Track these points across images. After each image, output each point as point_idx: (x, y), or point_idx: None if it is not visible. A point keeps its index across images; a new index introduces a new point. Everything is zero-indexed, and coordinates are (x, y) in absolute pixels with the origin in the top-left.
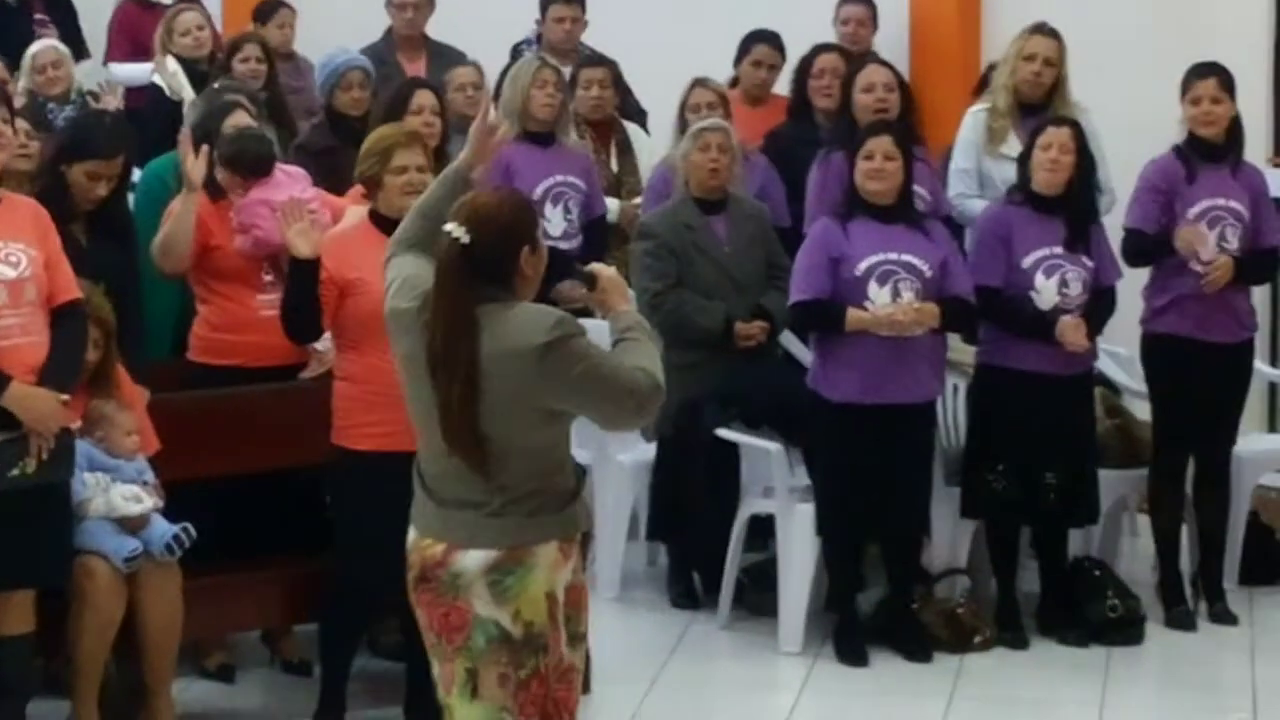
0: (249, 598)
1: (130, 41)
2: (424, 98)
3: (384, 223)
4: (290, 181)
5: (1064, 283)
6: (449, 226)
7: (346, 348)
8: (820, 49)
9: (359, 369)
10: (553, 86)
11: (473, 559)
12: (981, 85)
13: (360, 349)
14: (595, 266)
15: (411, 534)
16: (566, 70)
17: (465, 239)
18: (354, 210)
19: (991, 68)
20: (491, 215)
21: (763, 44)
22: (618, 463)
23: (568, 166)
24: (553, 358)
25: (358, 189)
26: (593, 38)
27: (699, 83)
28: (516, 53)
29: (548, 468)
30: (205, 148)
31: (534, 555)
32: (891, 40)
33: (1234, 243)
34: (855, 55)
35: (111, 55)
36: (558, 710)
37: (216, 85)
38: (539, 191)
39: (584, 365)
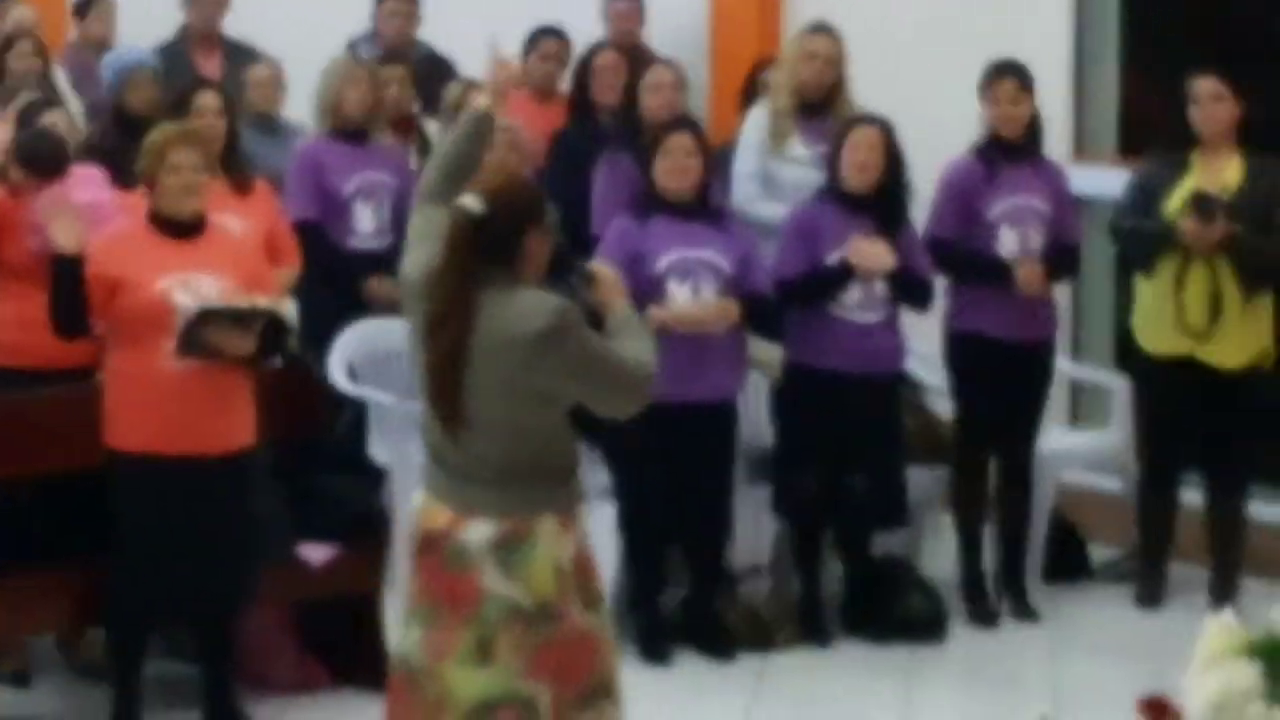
0: (42, 601)
1: None
2: (206, 99)
3: (160, 221)
4: (87, 182)
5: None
6: (465, 199)
7: (115, 346)
8: (599, 47)
9: (127, 367)
10: (365, 84)
11: (478, 532)
12: (749, 88)
13: (128, 347)
14: (594, 265)
15: (421, 496)
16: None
17: (478, 211)
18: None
19: (758, 68)
20: (506, 191)
21: (550, 38)
22: (415, 463)
23: (380, 164)
24: (553, 343)
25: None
26: (431, 35)
27: (471, 84)
28: (353, 49)
29: (545, 447)
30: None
31: (535, 530)
32: (691, 40)
33: (1036, 241)
34: (635, 53)
35: None
36: (575, 673)
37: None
38: (349, 189)
39: (583, 352)
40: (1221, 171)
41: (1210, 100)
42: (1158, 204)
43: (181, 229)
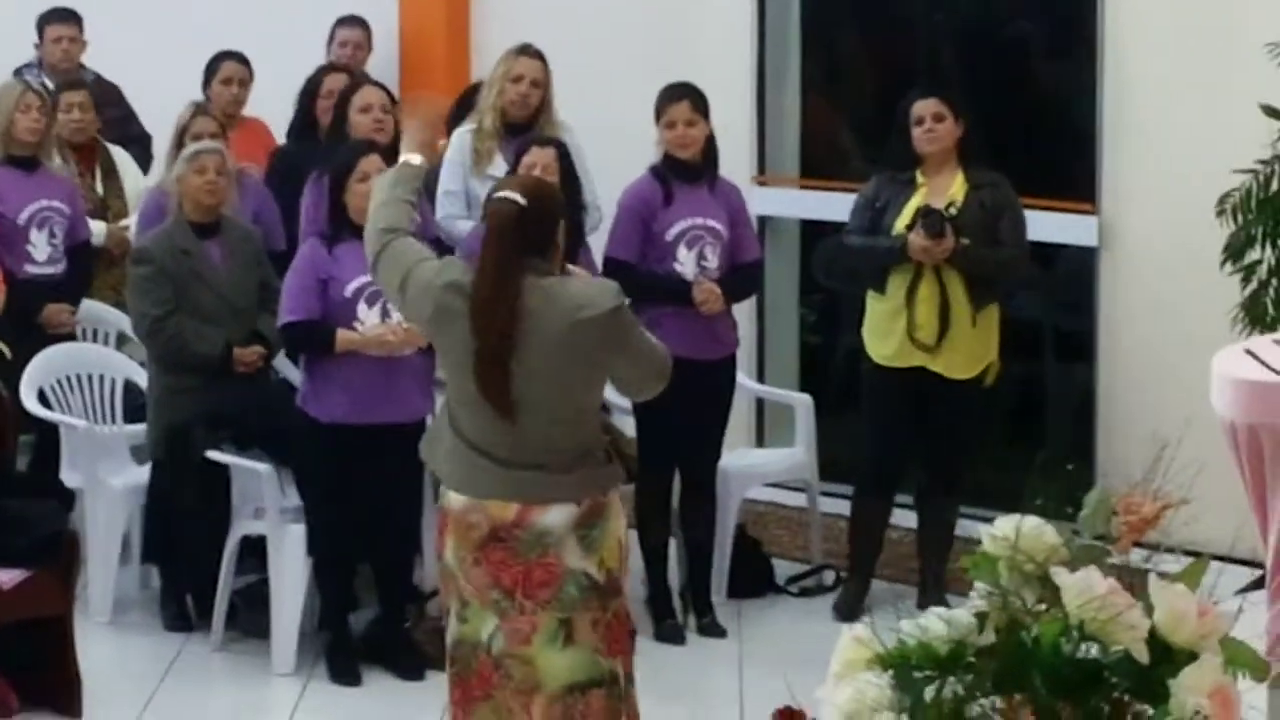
0: None
1: None
2: None
3: None
4: None
5: None
6: (504, 193)
7: None
8: (327, 69)
9: None
10: (37, 110)
11: (557, 515)
12: (460, 107)
13: None
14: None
15: (459, 498)
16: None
17: (522, 202)
18: None
19: (472, 90)
20: (541, 186)
21: (231, 61)
22: (109, 486)
23: (52, 191)
24: (618, 320)
25: None
26: (98, 61)
27: (201, 110)
28: (19, 76)
29: (591, 427)
30: None
31: (609, 505)
32: (381, 57)
33: (714, 261)
34: (357, 76)
35: None
36: (630, 645)
37: None
38: (24, 216)
39: (636, 329)
40: (947, 188)
41: (933, 120)
42: (886, 221)
43: None
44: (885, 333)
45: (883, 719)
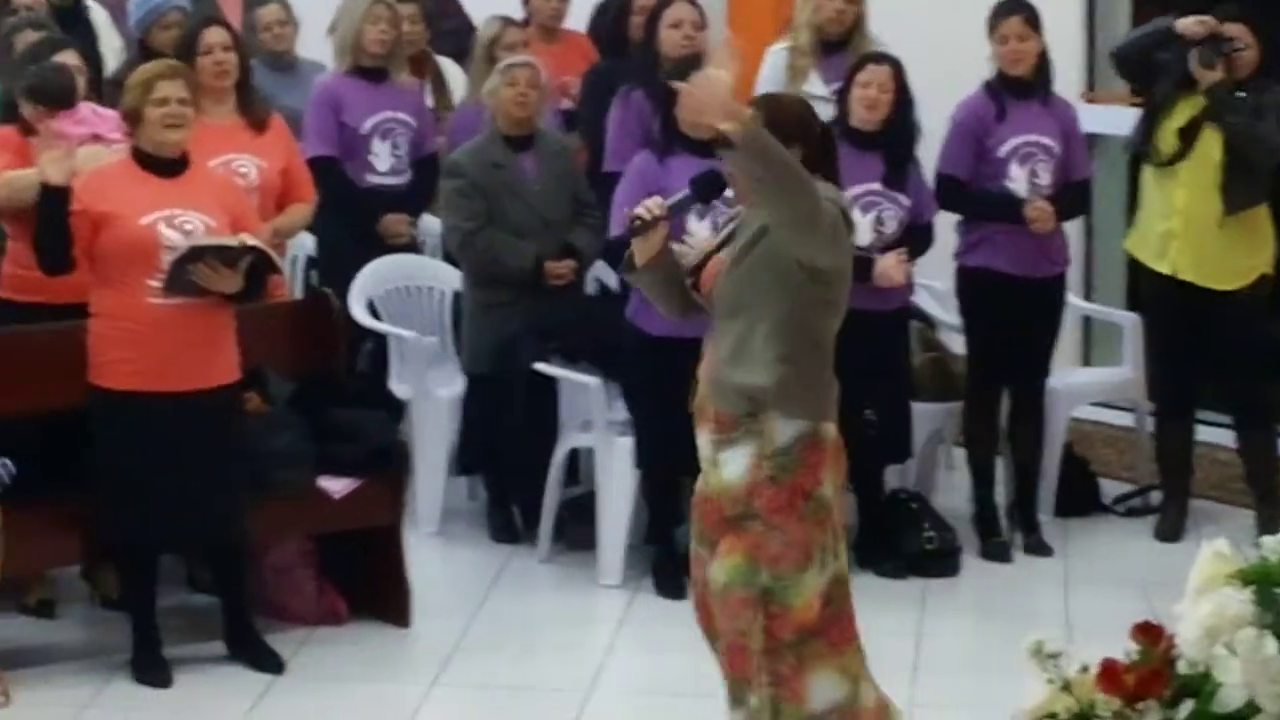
0: (58, 533)
1: None
2: (212, 35)
3: (145, 158)
4: (98, 120)
5: (880, 220)
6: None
7: (100, 283)
8: None
9: (112, 304)
10: (385, 22)
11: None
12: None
13: (113, 284)
14: None
15: (831, 428)
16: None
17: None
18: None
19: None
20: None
21: None
22: (436, 397)
23: (398, 103)
24: None
25: None
26: None
27: (509, 22)
28: None
29: None
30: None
31: None
32: None
33: (1046, 178)
34: None
35: None
36: None
37: (26, 16)
38: (367, 126)
39: None
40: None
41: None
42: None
43: (166, 166)
44: (1144, 235)
45: (1245, 634)
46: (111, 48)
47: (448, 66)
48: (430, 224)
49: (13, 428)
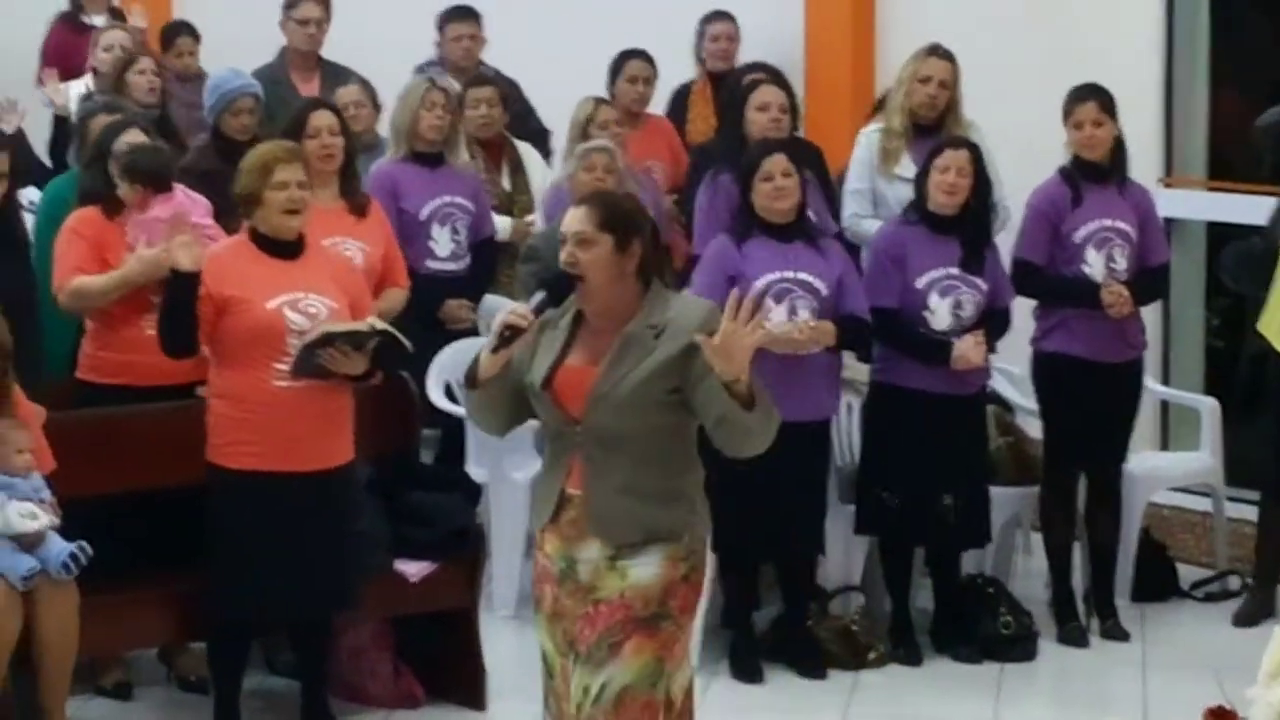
0: (145, 615)
1: (62, 62)
2: (320, 119)
3: (263, 241)
4: (191, 205)
5: (958, 304)
6: None
7: (222, 365)
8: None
9: (234, 386)
10: (441, 108)
11: None
12: (876, 109)
13: (235, 366)
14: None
15: None
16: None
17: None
18: None
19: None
20: None
21: (637, 59)
22: (512, 480)
23: (456, 187)
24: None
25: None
26: (497, 58)
27: (602, 101)
28: (422, 73)
29: None
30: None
31: None
32: (786, 61)
33: (1122, 263)
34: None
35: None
36: None
37: (101, 100)
38: (426, 212)
39: None
40: None
41: None
42: None
43: (284, 249)
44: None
45: None
46: None
47: (524, 149)
48: (490, 304)
49: (101, 509)
